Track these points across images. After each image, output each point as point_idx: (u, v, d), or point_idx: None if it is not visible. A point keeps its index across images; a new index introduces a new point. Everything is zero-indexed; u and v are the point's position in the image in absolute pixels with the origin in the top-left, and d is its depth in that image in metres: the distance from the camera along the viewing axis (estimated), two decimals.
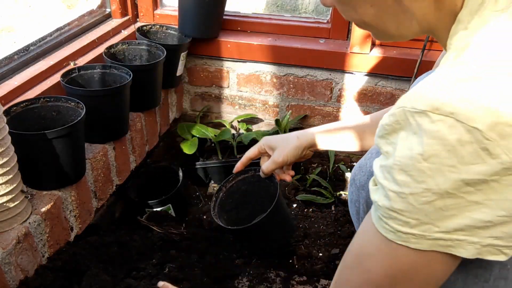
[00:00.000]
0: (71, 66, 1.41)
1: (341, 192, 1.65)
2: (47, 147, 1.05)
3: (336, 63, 1.65)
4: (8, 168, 0.95)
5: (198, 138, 1.73)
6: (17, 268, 1.01)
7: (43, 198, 1.10)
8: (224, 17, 1.74)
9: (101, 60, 1.45)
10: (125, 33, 1.67)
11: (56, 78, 1.33)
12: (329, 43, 1.68)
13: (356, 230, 0.94)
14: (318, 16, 1.78)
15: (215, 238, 1.34)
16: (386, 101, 1.68)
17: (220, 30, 1.74)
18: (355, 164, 1.03)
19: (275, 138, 1.19)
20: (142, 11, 1.77)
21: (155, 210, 1.51)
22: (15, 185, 0.98)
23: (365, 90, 1.68)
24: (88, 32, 1.59)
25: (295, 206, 1.59)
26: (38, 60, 1.37)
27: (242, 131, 1.85)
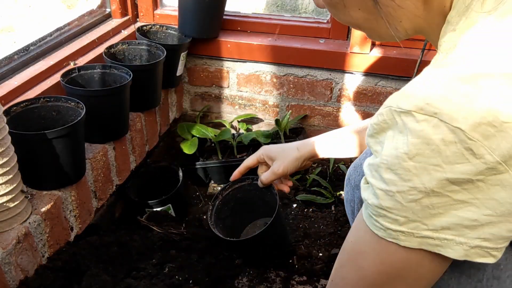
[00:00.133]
0: (71, 66, 1.41)
1: (341, 192, 1.65)
2: (47, 147, 1.05)
3: (336, 63, 1.65)
4: (8, 168, 0.95)
5: (198, 138, 1.73)
6: (17, 268, 1.01)
7: (43, 198, 1.10)
8: (224, 17, 1.74)
9: (101, 60, 1.45)
10: (125, 33, 1.67)
11: (56, 78, 1.33)
12: (329, 43, 1.68)
13: None
14: (318, 16, 1.78)
15: (215, 238, 1.34)
16: None
17: (220, 30, 1.74)
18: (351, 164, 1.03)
19: (275, 149, 1.19)
20: (142, 11, 1.77)
21: (155, 210, 1.51)
22: (15, 185, 0.98)
23: (365, 90, 1.68)
24: (88, 32, 1.59)
25: (295, 206, 1.59)
26: (38, 60, 1.37)
27: (242, 131, 1.85)
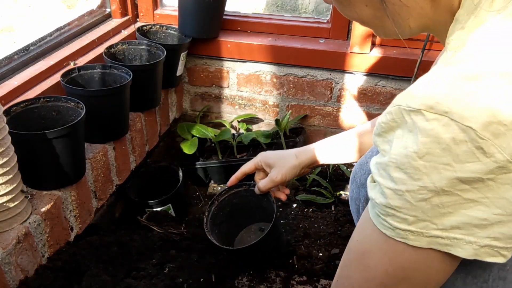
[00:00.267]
0: (71, 66, 1.41)
1: (341, 192, 1.65)
2: (47, 147, 1.05)
3: (336, 63, 1.65)
4: (8, 168, 0.95)
5: (198, 138, 1.73)
6: (17, 268, 1.01)
7: (43, 198, 1.10)
8: (224, 17, 1.74)
9: (101, 60, 1.45)
10: (125, 33, 1.67)
11: (56, 78, 1.33)
12: (329, 43, 1.68)
13: None
14: (318, 16, 1.78)
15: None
16: (386, 101, 1.67)
17: (220, 30, 1.74)
18: (355, 164, 1.03)
19: (273, 156, 1.17)
20: (142, 11, 1.77)
21: (155, 210, 1.51)
22: (15, 185, 0.98)
23: (365, 90, 1.68)
24: (88, 32, 1.59)
25: (295, 206, 1.59)
26: (38, 60, 1.37)
27: (242, 131, 1.85)
